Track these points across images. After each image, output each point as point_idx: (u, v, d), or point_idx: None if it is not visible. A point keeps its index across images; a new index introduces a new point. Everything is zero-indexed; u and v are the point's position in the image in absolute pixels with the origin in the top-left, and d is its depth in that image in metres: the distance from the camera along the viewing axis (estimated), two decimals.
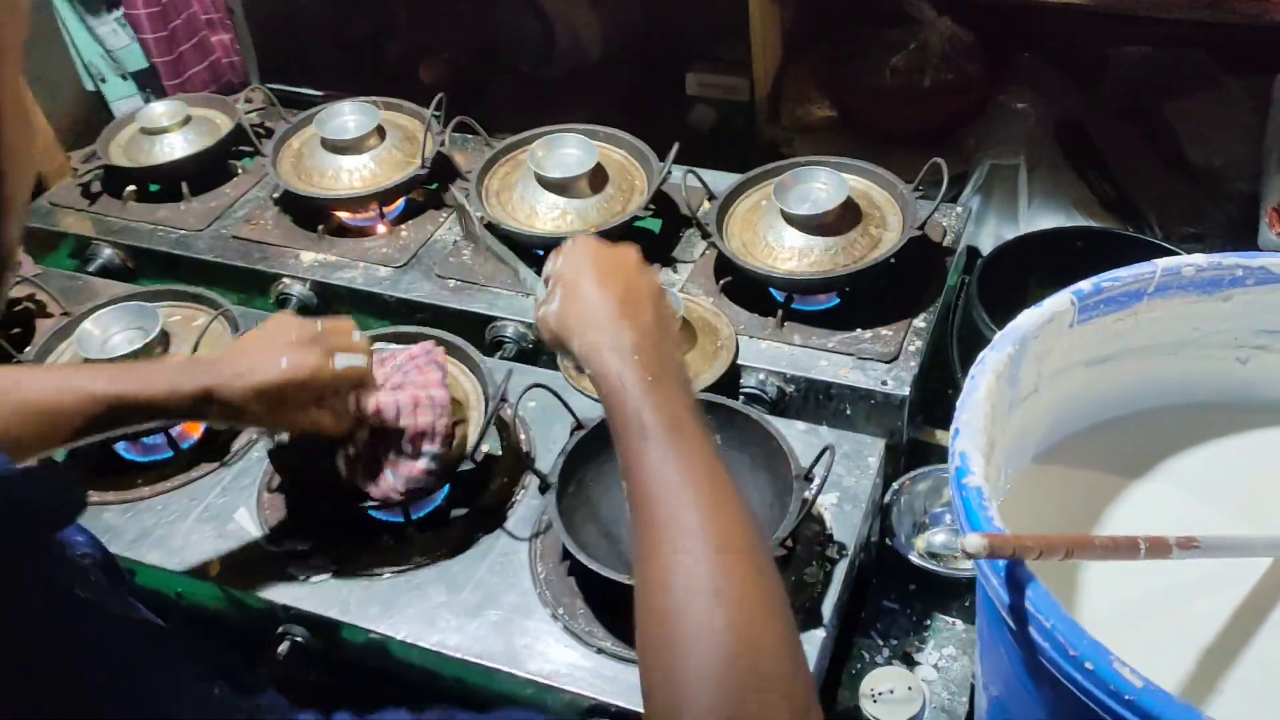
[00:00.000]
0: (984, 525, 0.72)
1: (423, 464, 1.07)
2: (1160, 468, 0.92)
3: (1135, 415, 0.96)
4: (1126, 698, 0.62)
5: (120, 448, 1.25)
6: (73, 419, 0.93)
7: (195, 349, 1.29)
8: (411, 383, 1.08)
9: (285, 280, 1.47)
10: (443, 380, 1.10)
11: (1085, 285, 0.88)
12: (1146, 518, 0.90)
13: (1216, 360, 0.93)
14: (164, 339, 1.30)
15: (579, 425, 1.13)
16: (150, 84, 2.16)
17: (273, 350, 0.99)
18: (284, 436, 1.13)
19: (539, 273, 0.94)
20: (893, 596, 1.21)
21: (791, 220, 1.32)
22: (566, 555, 1.07)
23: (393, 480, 1.06)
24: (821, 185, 1.34)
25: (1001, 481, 0.90)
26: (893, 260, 1.31)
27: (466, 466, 1.11)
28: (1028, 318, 0.86)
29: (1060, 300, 0.87)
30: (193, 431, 1.28)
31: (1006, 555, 0.69)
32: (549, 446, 1.19)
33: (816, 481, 1.02)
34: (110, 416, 0.94)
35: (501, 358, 1.34)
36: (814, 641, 1.01)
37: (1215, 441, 0.94)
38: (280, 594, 1.09)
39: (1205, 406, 0.95)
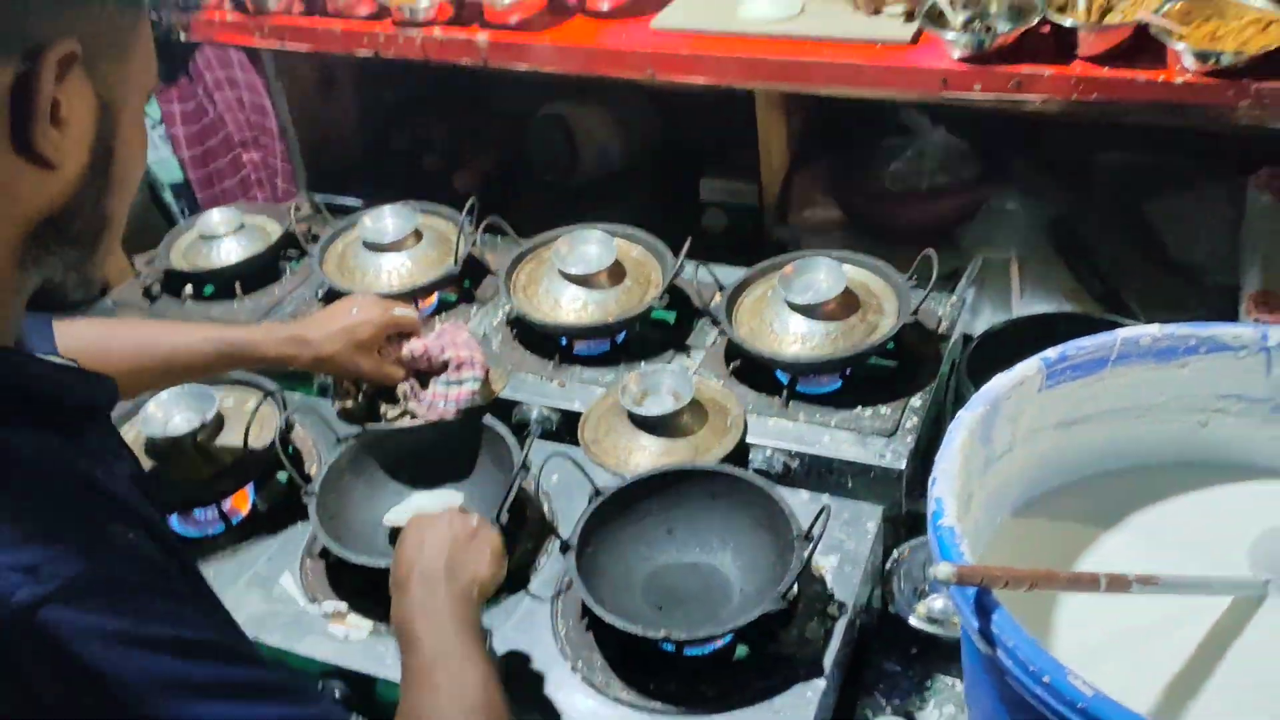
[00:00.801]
0: (955, 559, 0.81)
1: (468, 387, 1.31)
2: (1129, 521, 1.00)
3: (1107, 474, 1.04)
4: (1080, 705, 0.70)
5: (174, 522, 1.35)
6: (192, 360, 1.25)
7: (247, 430, 1.40)
8: (447, 335, 1.35)
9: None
10: (470, 335, 1.37)
11: (1052, 353, 0.98)
12: (1116, 566, 0.97)
13: (1178, 423, 1.02)
14: (219, 420, 1.41)
15: (597, 492, 1.22)
16: (185, 195, 2.32)
17: (346, 305, 1.34)
18: (347, 403, 1.35)
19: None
20: (894, 659, 1.27)
21: (794, 308, 1.43)
22: (585, 612, 1.15)
23: (443, 406, 1.30)
24: (822, 276, 1.45)
25: (982, 533, 0.98)
26: (890, 345, 1.42)
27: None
28: (999, 381, 0.96)
29: (1029, 366, 0.97)
30: (241, 507, 1.38)
31: (974, 583, 0.77)
32: (570, 515, 1.28)
33: (815, 539, 1.10)
34: (221, 359, 1.26)
35: (526, 436, 1.43)
36: (815, 689, 1.08)
37: (1180, 497, 1.02)
38: (320, 650, 1.18)
39: (1171, 466, 1.03)
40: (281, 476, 1.41)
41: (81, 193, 0.70)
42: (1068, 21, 1.37)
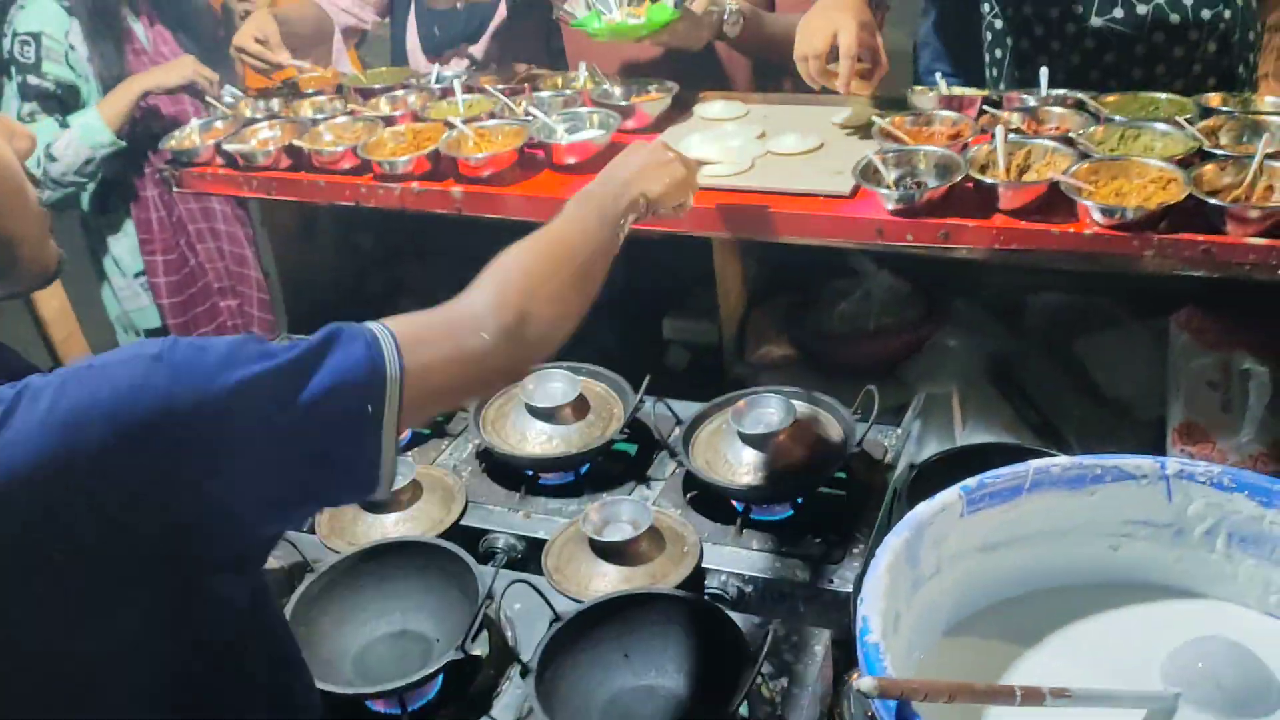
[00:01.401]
0: (879, 673, 0.88)
1: None
2: (1051, 639, 1.07)
3: (1030, 595, 1.11)
4: None
5: None
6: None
7: None
8: None
9: None
10: None
11: (971, 482, 1.07)
12: (1038, 682, 1.03)
13: (1092, 547, 1.10)
14: None
15: (557, 617, 1.28)
16: None
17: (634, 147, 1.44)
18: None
19: None
20: None
21: (746, 439, 1.52)
22: None
23: None
24: (773, 410, 1.55)
25: (915, 651, 1.05)
26: (840, 475, 1.51)
27: (456, 657, 1.25)
28: (923, 508, 1.04)
29: (950, 494, 1.06)
30: None
31: (895, 696, 0.84)
32: (532, 641, 1.33)
33: (760, 659, 1.17)
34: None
35: (493, 566, 1.50)
36: None
37: (1098, 616, 1.09)
38: None
39: (1089, 587, 1.11)
40: None
41: None
42: (989, 179, 1.51)
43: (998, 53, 2.06)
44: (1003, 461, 1.10)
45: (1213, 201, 1.37)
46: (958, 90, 1.83)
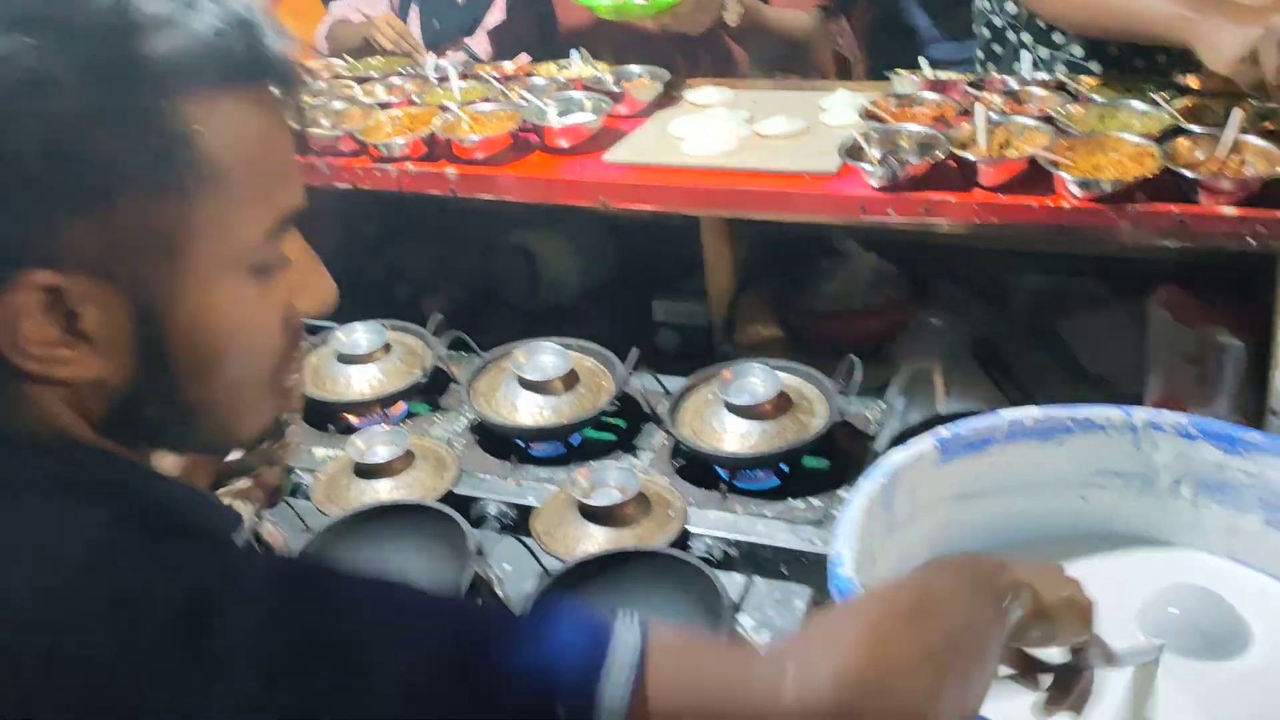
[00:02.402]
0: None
1: None
2: None
3: (1005, 545, 1.15)
4: None
5: None
6: None
7: None
8: None
9: (298, 472, 1.68)
10: None
11: (945, 431, 1.10)
12: None
13: (1063, 498, 1.14)
14: None
15: (546, 574, 1.31)
16: None
17: None
18: None
19: None
20: None
21: (733, 409, 1.56)
22: None
23: None
24: (758, 380, 1.58)
25: None
26: (824, 446, 1.54)
27: None
28: (897, 455, 1.08)
29: (924, 442, 1.09)
30: None
31: None
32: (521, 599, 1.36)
33: (738, 607, 1.20)
34: None
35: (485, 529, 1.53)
36: None
37: (1070, 566, 1.09)
38: None
39: (1061, 538, 1.14)
40: None
41: (137, 391, 0.66)
42: (969, 156, 1.55)
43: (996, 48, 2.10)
44: None
45: (1186, 173, 1.41)
46: (942, 74, 1.88)
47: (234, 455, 1.27)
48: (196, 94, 0.63)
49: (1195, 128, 1.53)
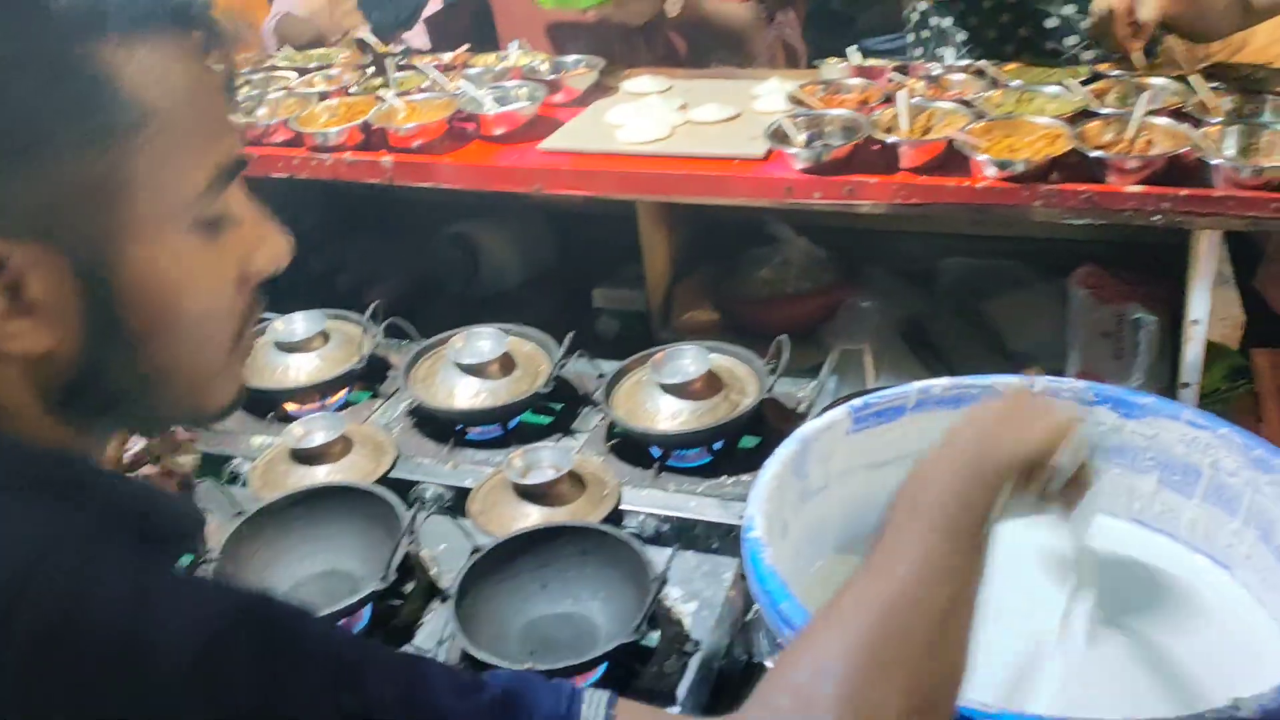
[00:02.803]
0: (761, 562, 0.94)
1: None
2: None
3: None
4: None
5: None
6: None
7: None
8: None
9: (236, 460, 1.69)
10: None
11: (857, 400, 1.14)
12: None
13: None
14: None
15: (477, 549, 1.34)
16: None
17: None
18: None
19: None
20: None
21: (665, 389, 1.59)
22: (465, 658, 1.25)
23: None
24: (689, 361, 1.62)
25: (807, 565, 1.13)
26: (756, 426, 1.58)
27: (379, 588, 1.31)
28: (809, 424, 1.12)
29: (837, 412, 1.13)
30: None
31: None
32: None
33: (664, 578, 1.23)
34: None
35: (421, 511, 1.55)
36: None
37: None
38: None
39: None
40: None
41: (92, 362, 0.65)
42: (891, 138, 1.59)
43: (923, 33, 2.15)
44: None
45: (1094, 153, 1.46)
46: (869, 61, 1.92)
47: (138, 444, 1.28)
48: (112, 38, 0.62)
49: (1106, 110, 1.59)
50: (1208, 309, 1.53)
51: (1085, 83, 1.68)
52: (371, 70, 2.14)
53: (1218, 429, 1.05)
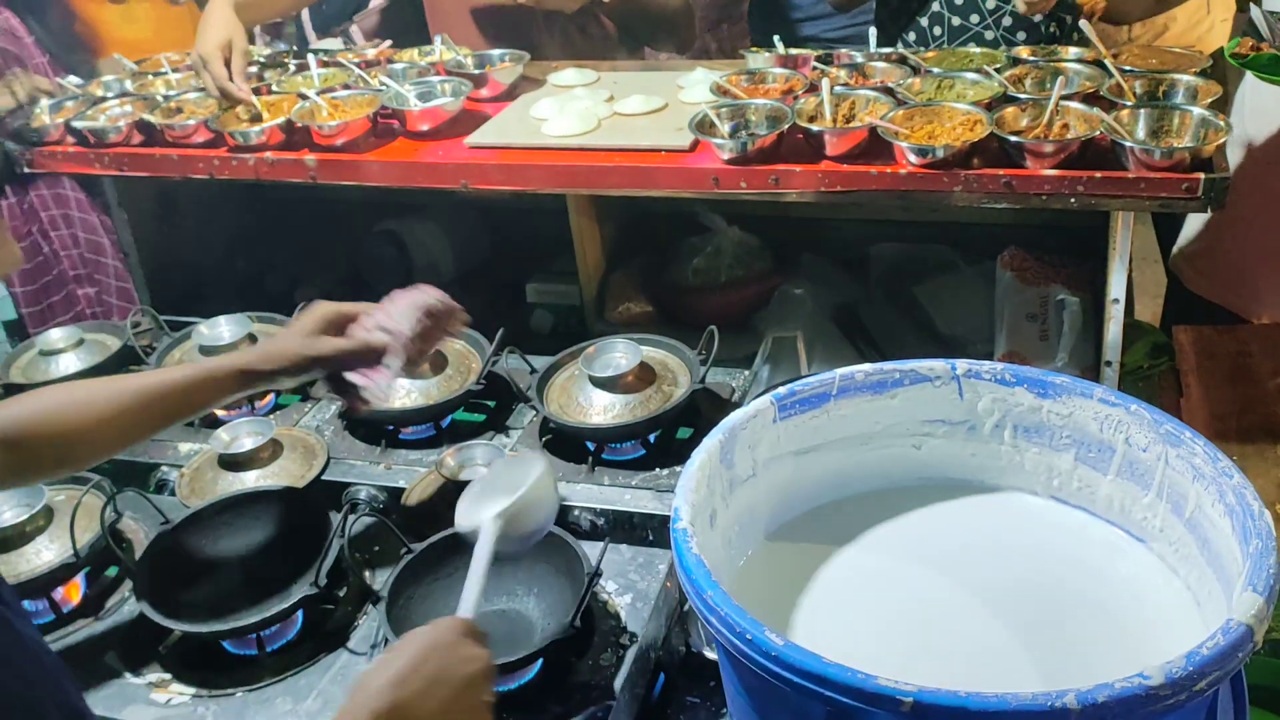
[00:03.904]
0: (687, 552, 0.95)
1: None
2: (864, 539, 1.15)
3: (844, 499, 1.19)
4: (772, 654, 0.83)
5: None
6: (179, 391, 1.27)
7: (73, 518, 1.46)
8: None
9: (164, 468, 1.66)
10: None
11: (782, 389, 1.15)
12: (856, 580, 1.11)
13: (898, 448, 1.19)
14: (48, 512, 1.47)
15: (409, 550, 1.32)
16: (19, 334, 2.38)
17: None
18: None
19: None
20: (695, 693, 1.38)
21: (596, 383, 1.59)
22: None
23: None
24: (620, 354, 1.61)
25: (739, 553, 1.13)
26: (689, 416, 1.58)
27: (310, 592, 1.29)
28: (736, 414, 1.12)
29: (762, 401, 1.13)
30: (71, 597, 1.44)
31: None
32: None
33: (598, 572, 1.23)
34: (205, 384, 1.30)
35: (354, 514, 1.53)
36: (606, 712, 1.19)
37: (907, 515, 1.17)
38: (143, 716, 1.23)
39: (897, 489, 1.19)
40: (112, 570, 1.47)
41: None
42: (814, 127, 1.60)
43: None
44: None
45: (1011, 139, 1.49)
46: (793, 50, 1.93)
47: None
48: None
49: (1023, 95, 1.61)
50: (1125, 288, 1.56)
51: (1002, 69, 1.70)
52: (294, 68, 2.10)
53: (1129, 406, 1.07)
